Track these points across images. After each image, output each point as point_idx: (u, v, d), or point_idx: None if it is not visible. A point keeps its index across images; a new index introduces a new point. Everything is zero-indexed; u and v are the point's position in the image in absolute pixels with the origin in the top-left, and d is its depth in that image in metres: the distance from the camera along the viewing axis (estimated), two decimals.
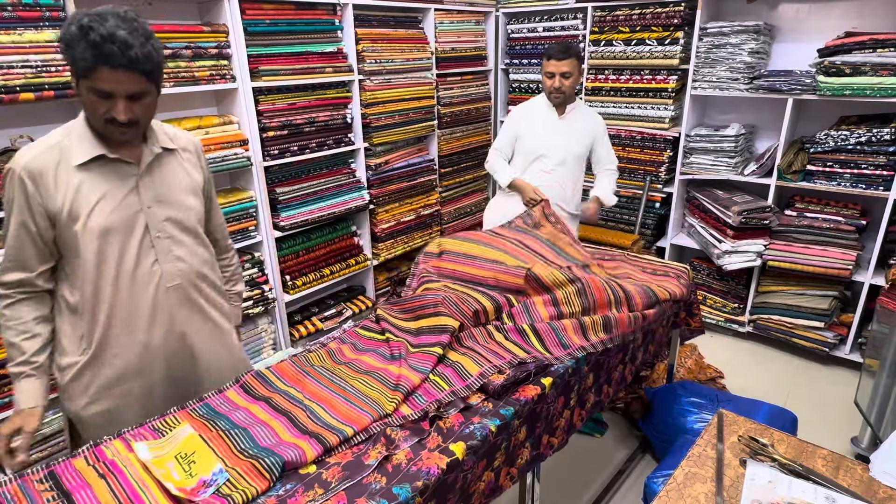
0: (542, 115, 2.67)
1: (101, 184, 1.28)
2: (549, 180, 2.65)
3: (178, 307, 1.42)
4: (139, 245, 1.33)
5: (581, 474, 2.31)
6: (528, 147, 2.67)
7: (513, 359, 1.50)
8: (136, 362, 1.39)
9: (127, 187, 1.31)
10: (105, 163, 1.29)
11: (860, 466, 1.23)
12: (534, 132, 2.65)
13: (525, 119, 2.69)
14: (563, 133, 2.64)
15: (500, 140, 2.76)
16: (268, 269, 2.80)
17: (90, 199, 1.27)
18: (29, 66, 1.88)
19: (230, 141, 2.51)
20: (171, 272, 1.39)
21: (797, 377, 2.98)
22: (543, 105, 2.67)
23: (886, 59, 2.55)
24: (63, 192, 1.25)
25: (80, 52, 1.14)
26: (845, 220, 2.88)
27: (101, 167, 1.28)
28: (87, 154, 1.26)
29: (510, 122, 2.73)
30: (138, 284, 1.35)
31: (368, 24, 3.06)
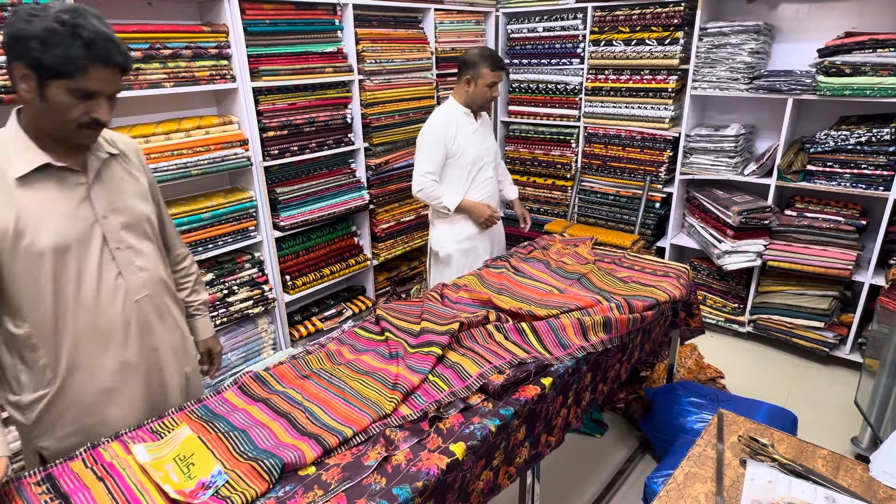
0: (465, 124, 2.52)
1: (48, 196, 1.15)
2: (491, 185, 2.67)
3: (148, 318, 1.33)
4: (99, 258, 1.22)
5: (581, 474, 2.31)
6: (469, 160, 2.53)
7: (512, 359, 1.50)
8: (116, 381, 1.29)
9: (77, 198, 1.19)
10: (49, 173, 1.16)
11: (860, 466, 1.23)
12: (468, 143, 2.51)
13: (454, 132, 2.49)
14: (485, 135, 2.62)
15: (432, 163, 2.48)
16: (268, 269, 2.80)
17: (37, 215, 1.14)
18: None
19: (230, 141, 2.51)
20: (135, 284, 1.30)
21: (797, 377, 2.98)
22: (460, 113, 2.52)
23: (886, 59, 2.55)
24: (3, 212, 1.11)
25: (69, 49, 1.05)
26: (845, 220, 2.88)
27: (45, 178, 1.15)
28: (30, 164, 1.13)
29: (437, 141, 2.46)
30: (104, 301, 1.24)
31: (368, 24, 3.06)
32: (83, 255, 1.20)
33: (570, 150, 3.75)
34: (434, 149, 2.46)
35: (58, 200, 1.17)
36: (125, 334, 1.29)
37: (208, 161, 2.44)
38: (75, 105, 1.10)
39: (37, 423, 1.26)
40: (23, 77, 1.08)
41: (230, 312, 2.63)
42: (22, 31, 1.05)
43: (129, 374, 1.31)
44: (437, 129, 2.46)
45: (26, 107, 1.14)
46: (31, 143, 1.15)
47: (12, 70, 1.09)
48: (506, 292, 1.93)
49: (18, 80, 1.09)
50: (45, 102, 1.10)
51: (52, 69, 1.06)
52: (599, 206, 3.73)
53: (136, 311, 1.30)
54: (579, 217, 3.84)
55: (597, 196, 3.72)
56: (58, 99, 1.09)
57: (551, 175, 3.89)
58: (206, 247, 2.53)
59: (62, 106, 1.10)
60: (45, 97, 1.09)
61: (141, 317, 1.31)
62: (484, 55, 2.41)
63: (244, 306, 2.68)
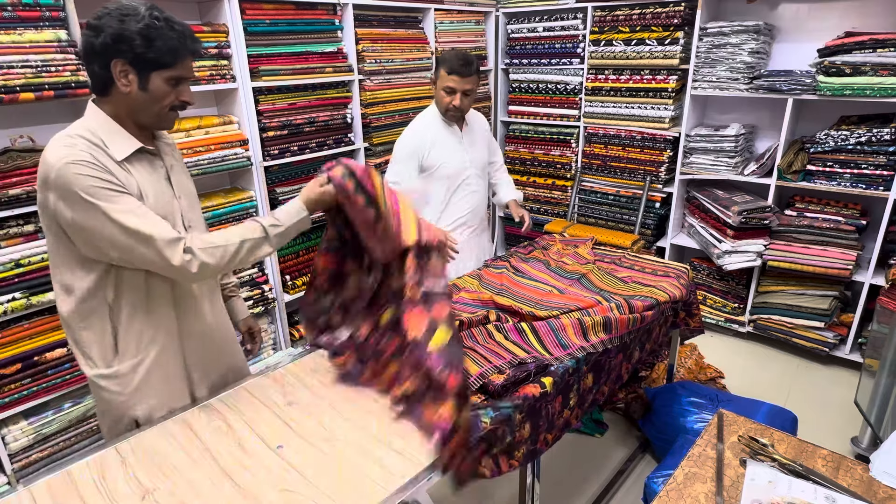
0: (446, 135, 2.35)
1: (144, 177, 1.26)
2: (475, 199, 2.49)
3: (213, 290, 1.47)
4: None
5: (581, 474, 2.31)
6: (450, 172, 2.36)
7: (512, 359, 1.50)
8: (202, 345, 1.42)
9: (162, 179, 1.32)
10: (140, 157, 1.27)
11: (860, 466, 1.23)
12: (449, 156, 2.34)
13: (429, 145, 2.31)
14: (472, 145, 2.44)
15: (400, 174, 2.30)
16: (268, 269, 2.80)
17: (145, 191, 1.25)
18: (29, 66, 1.88)
19: (230, 141, 2.51)
20: None
21: (797, 377, 2.98)
22: (439, 123, 2.34)
23: (886, 59, 2.55)
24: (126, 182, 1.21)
25: (168, 42, 1.17)
26: (845, 220, 2.88)
27: (138, 161, 1.26)
28: (129, 148, 1.23)
29: (410, 157, 2.29)
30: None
31: (368, 23, 3.06)
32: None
33: (570, 150, 3.75)
34: (405, 165, 2.30)
35: (151, 180, 1.28)
36: (202, 302, 1.41)
37: (208, 161, 2.44)
38: (169, 92, 1.24)
39: (135, 391, 1.32)
40: (122, 72, 1.18)
41: None
42: (123, 31, 1.14)
43: (206, 339, 1.43)
44: (411, 142, 2.30)
45: (114, 98, 1.22)
46: (121, 129, 1.24)
47: (111, 67, 1.17)
48: (506, 293, 1.93)
49: (118, 75, 1.18)
50: (146, 93, 1.21)
51: (156, 62, 1.19)
52: (599, 206, 3.73)
53: (206, 283, 1.43)
54: (579, 217, 3.84)
55: (597, 196, 3.72)
56: (157, 88, 1.21)
57: (551, 175, 3.89)
58: None
59: (161, 94, 1.23)
60: (147, 88, 1.21)
61: (208, 288, 1.45)
62: (446, 57, 2.21)
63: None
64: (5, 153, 1.98)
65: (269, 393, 1.42)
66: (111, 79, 1.19)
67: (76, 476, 1.16)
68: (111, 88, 1.21)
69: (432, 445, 1.19)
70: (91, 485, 1.14)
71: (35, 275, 2.04)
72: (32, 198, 1.97)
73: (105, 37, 1.14)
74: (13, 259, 1.99)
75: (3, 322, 2.03)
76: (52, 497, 1.11)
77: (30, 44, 1.89)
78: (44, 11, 1.92)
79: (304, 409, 1.36)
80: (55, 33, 1.94)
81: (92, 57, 1.18)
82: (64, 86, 1.96)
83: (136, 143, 1.25)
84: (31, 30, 1.90)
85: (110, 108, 1.24)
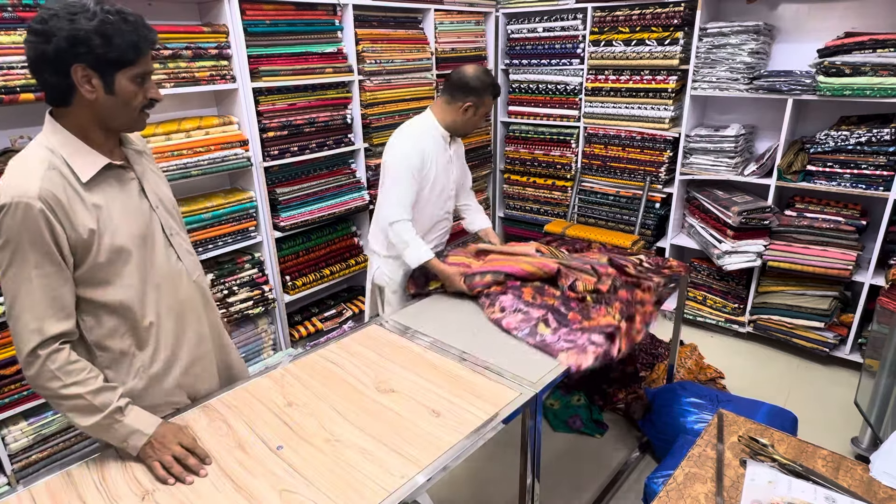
0: (441, 150, 2.15)
1: (113, 195, 1.18)
2: (447, 222, 2.32)
3: (205, 295, 1.43)
4: (164, 245, 1.30)
5: (581, 474, 2.31)
6: (434, 192, 2.16)
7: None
8: (198, 354, 1.39)
9: (135, 192, 1.24)
10: (107, 173, 1.18)
11: (860, 466, 1.23)
12: (439, 172, 2.15)
13: (429, 161, 2.09)
14: (457, 161, 2.27)
15: (405, 198, 2.04)
16: (268, 269, 2.80)
17: (111, 215, 1.16)
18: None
19: (230, 141, 2.51)
20: (190, 266, 1.38)
21: (797, 377, 2.98)
22: (438, 135, 2.14)
23: (886, 59, 2.55)
24: (83, 216, 1.12)
25: (127, 37, 1.07)
26: (845, 221, 2.88)
27: (106, 178, 1.17)
28: (94, 167, 1.14)
29: (415, 170, 2.04)
30: (175, 282, 1.31)
31: (368, 24, 3.06)
32: (153, 244, 1.27)
33: (570, 150, 3.75)
34: (409, 184, 2.03)
35: (122, 197, 1.21)
36: (196, 311, 1.38)
37: (208, 161, 2.44)
38: (137, 91, 1.14)
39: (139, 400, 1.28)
40: (85, 77, 1.07)
41: (230, 313, 2.63)
42: (77, 31, 1.03)
43: (205, 346, 1.41)
44: (413, 156, 2.03)
45: (76, 108, 1.12)
46: (84, 145, 1.15)
47: (71, 73, 1.06)
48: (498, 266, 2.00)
49: (80, 81, 1.07)
50: (114, 96, 1.11)
51: (118, 61, 1.08)
52: (599, 207, 3.73)
53: (197, 290, 1.39)
54: (579, 217, 3.84)
55: (597, 196, 3.72)
56: (124, 88, 1.12)
57: (551, 175, 3.89)
58: (206, 247, 2.53)
59: (130, 94, 1.13)
60: (115, 90, 1.11)
61: (200, 294, 1.40)
62: (490, 82, 2.11)
63: (244, 307, 2.68)
64: (5, 153, 1.98)
65: (269, 393, 1.43)
66: (71, 87, 1.08)
67: (76, 477, 1.17)
68: (72, 97, 1.10)
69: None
70: (91, 485, 1.14)
71: None
72: None
73: (58, 41, 1.03)
74: None
75: (3, 322, 2.03)
76: (52, 497, 1.11)
77: None
78: None
79: (304, 409, 1.36)
80: None
81: (43, 66, 1.06)
82: None
83: (102, 160, 1.16)
84: None
85: (71, 121, 1.13)
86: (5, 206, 1.05)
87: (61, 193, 1.09)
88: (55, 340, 1.11)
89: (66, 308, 1.14)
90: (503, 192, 4.19)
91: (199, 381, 1.41)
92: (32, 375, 1.11)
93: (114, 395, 1.16)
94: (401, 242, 2.04)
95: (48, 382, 1.11)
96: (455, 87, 2.10)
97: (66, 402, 1.13)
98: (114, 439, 1.17)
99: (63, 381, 1.11)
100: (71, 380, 1.12)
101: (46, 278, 1.10)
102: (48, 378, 1.11)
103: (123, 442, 1.17)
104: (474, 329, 1.75)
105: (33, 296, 1.09)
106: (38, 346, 1.09)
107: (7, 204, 1.05)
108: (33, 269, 1.08)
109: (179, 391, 1.36)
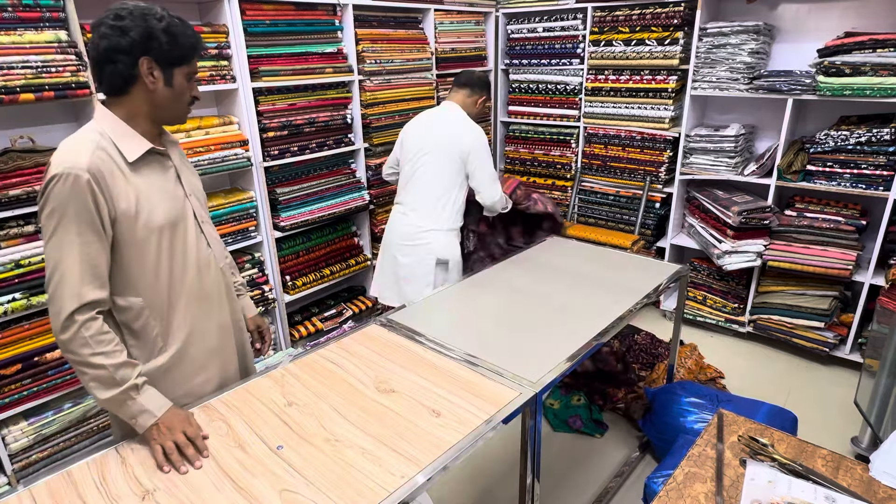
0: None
1: (154, 178, 1.29)
2: None
3: (228, 284, 1.49)
4: (195, 232, 1.37)
5: (581, 474, 2.31)
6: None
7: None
8: (218, 341, 1.44)
9: (171, 178, 1.34)
10: (150, 158, 1.29)
11: (860, 466, 1.23)
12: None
13: None
14: None
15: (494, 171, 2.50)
16: (268, 269, 2.80)
17: (150, 196, 1.26)
18: (29, 67, 1.89)
19: (230, 141, 2.51)
20: (219, 253, 1.46)
21: (797, 377, 2.98)
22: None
23: (886, 59, 2.55)
24: (125, 192, 1.22)
25: (189, 39, 1.24)
26: (845, 220, 2.88)
27: (149, 162, 1.28)
28: (139, 150, 1.25)
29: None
30: (203, 269, 1.38)
31: (368, 24, 3.06)
32: (185, 229, 1.34)
33: (570, 150, 3.75)
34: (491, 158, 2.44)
35: (161, 181, 1.31)
36: (220, 298, 1.44)
37: (208, 161, 2.44)
38: (187, 87, 1.29)
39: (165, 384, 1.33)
40: (149, 69, 1.22)
41: None
42: (151, 29, 1.19)
43: (225, 334, 1.47)
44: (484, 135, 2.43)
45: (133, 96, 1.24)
46: (132, 130, 1.26)
47: (138, 65, 1.20)
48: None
49: (145, 72, 1.21)
50: (171, 88, 1.26)
51: (179, 58, 1.24)
52: (599, 207, 3.73)
53: (222, 277, 1.46)
54: (579, 217, 3.84)
55: (597, 196, 3.72)
56: (179, 83, 1.27)
57: (551, 175, 3.89)
58: None
59: (182, 89, 1.28)
60: (172, 83, 1.26)
61: (225, 282, 1.47)
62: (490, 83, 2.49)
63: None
64: (5, 154, 1.98)
65: (269, 393, 1.43)
66: (133, 77, 1.21)
67: (76, 476, 1.17)
68: (130, 87, 1.23)
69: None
70: (91, 485, 1.14)
71: (35, 275, 2.04)
72: (32, 198, 1.98)
73: (134, 35, 1.18)
74: (13, 259, 1.99)
75: (4, 322, 2.03)
76: (52, 497, 1.11)
77: (30, 44, 1.89)
78: (44, 12, 1.92)
79: (304, 409, 1.36)
80: (55, 34, 1.94)
81: (117, 55, 1.19)
82: (64, 86, 1.96)
83: (147, 144, 1.27)
84: (31, 30, 1.90)
85: (124, 108, 1.25)
86: (56, 176, 1.14)
87: (107, 169, 1.19)
88: (91, 308, 1.18)
89: (102, 277, 1.21)
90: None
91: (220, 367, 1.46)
92: (66, 339, 1.17)
93: (133, 371, 1.22)
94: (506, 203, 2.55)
95: (80, 348, 1.17)
96: (475, 84, 2.44)
97: (90, 371, 1.18)
98: (125, 415, 1.22)
99: (93, 350, 1.17)
100: (100, 349, 1.18)
101: (88, 246, 1.17)
102: (80, 344, 1.17)
103: (132, 419, 1.21)
104: (474, 329, 1.75)
105: (74, 262, 1.16)
106: (76, 310, 1.16)
107: (58, 174, 1.14)
108: (76, 237, 1.16)
109: (201, 375, 1.41)
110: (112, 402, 1.20)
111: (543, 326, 1.76)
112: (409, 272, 2.45)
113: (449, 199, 2.41)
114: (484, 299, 1.99)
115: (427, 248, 2.42)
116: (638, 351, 2.90)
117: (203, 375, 1.42)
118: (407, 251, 2.44)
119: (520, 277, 2.14)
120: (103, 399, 1.20)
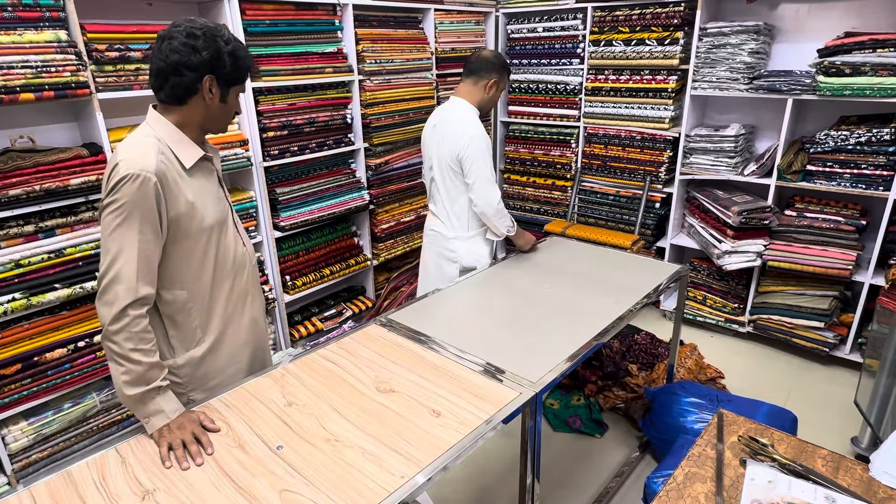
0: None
1: (203, 182, 1.38)
2: None
3: (257, 281, 1.60)
4: (234, 232, 1.48)
5: (581, 474, 2.31)
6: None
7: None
8: (250, 333, 1.55)
9: (215, 182, 1.44)
10: (200, 164, 1.38)
11: (860, 466, 1.23)
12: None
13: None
14: None
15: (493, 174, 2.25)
16: (268, 269, 2.80)
17: (202, 199, 1.36)
18: (29, 67, 1.88)
19: (230, 141, 2.51)
20: (252, 252, 1.58)
21: (797, 377, 2.98)
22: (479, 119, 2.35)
23: (886, 59, 2.55)
24: (184, 195, 1.31)
25: (245, 63, 1.35)
26: (845, 220, 2.88)
27: (199, 167, 1.38)
28: (194, 157, 1.35)
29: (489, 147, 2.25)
30: (239, 266, 1.49)
31: (368, 24, 3.06)
32: (226, 230, 1.45)
33: (569, 150, 3.75)
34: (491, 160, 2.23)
35: (209, 185, 1.41)
36: (252, 294, 1.55)
37: None
38: (235, 103, 1.41)
39: (191, 380, 1.44)
40: (211, 86, 1.32)
41: None
42: (220, 52, 1.29)
43: (256, 328, 1.58)
44: (485, 135, 2.23)
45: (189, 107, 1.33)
46: (185, 137, 1.35)
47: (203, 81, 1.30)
48: None
49: (206, 88, 1.31)
50: (225, 104, 1.37)
51: (237, 79, 1.36)
52: (599, 207, 3.73)
53: (254, 275, 1.57)
54: (579, 217, 3.84)
55: (597, 196, 3.72)
56: (232, 101, 1.39)
57: (551, 175, 3.89)
58: None
59: (233, 105, 1.40)
60: (227, 100, 1.37)
61: (256, 279, 1.59)
62: (505, 61, 2.29)
63: None
64: (5, 153, 1.98)
65: (269, 393, 1.43)
66: (195, 91, 1.30)
67: (76, 476, 1.17)
68: (190, 98, 1.32)
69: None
70: (91, 485, 1.14)
71: (35, 275, 2.05)
72: (33, 198, 1.98)
73: (205, 55, 1.27)
74: (13, 259, 1.99)
75: (3, 322, 2.03)
76: (52, 497, 1.11)
77: (30, 44, 1.89)
78: (44, 12, 1.92)
79: (303, 409, 1.36)
80: (55, 34, 1.94)
81: (185, 70, 1.27)
82: (64, 86, 1.96)
83: (200, 151, 1.37)
84: (30, 30, 1.90)
85: (179, 116, 1.34)
86: (128, 176, 1.22)
87: (169, 174, 1.28)
88: (142, 304, 1.26)
89: (154, 273, 1.30)
90: (503, 192, 4.19)
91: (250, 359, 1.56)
92: (114, 330, 1.23)
93: (161, 373, 1.29)
94: (504, 215, 2.26)
95: (125, 341, 1.23)
96: (479, 67, 2.26)
97: (126, 365, 1.24)
98: (141, 413, 1.27)
99: (135, 346, 1.24)
100: (141, 346, 1.25)
101: (146, 244, 1.26)
102: (126, 338, 1.23)
103: (147, 417, 1.26)
104: (475, 329, 1.75)
105: (133, 258, 1.24)
106: (129, 304, 1.23)
107: (130, 174, 1.22)
108: (138, 235, 1.24)
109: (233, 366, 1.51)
110: (134, 398, 1.25)
111: (543, 326, 1.76)
112: (443, 277, 2.41)
113: (463, 205, 2.30)
114: (484, 299, 2.00)
115: (451, 255, 2.38)
116: (638, 351, 2.90)
117: (235, 366, 1.52)
118: (436, 258, 2.45)
119: (520, 277, 2.14)
120: (128, 395, 1.25)
